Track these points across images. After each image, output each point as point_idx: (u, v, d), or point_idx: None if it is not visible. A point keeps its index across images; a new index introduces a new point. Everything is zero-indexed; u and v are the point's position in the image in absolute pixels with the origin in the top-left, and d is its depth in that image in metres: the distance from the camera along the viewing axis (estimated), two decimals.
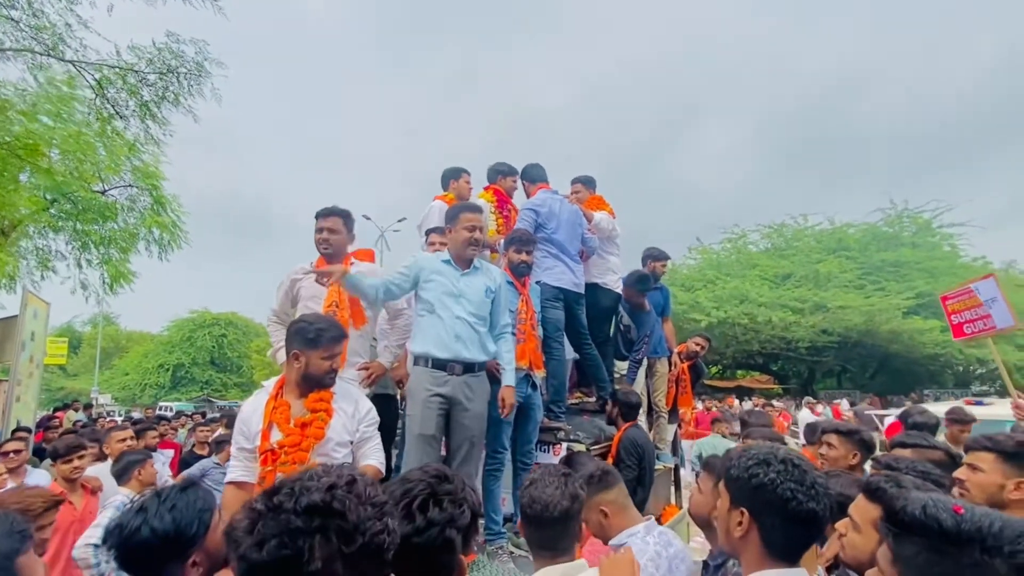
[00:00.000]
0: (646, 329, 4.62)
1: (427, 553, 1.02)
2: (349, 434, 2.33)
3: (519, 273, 3.58)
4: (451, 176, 4.51)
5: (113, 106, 9.14)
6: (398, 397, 3.74)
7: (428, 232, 3.88)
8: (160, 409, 18.02)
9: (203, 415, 11.68)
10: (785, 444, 2.51)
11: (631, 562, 1.59)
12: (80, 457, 3.46)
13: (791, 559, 1.23)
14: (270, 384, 2.40)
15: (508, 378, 3.15)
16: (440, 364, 2.91)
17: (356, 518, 0.71)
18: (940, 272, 22.61)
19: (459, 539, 1.07)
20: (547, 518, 1.56)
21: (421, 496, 1.05)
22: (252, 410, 2.33)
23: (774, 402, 16.38)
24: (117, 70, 8.93)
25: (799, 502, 1.18)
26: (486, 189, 4.52)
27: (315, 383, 2.32)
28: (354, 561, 0.69)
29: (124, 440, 3.97)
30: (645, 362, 4.83)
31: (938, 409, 4.69)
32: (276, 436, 2.24)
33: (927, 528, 0.98)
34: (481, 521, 3.03)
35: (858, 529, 1.49)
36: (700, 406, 12.79)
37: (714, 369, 28.66)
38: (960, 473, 2.06)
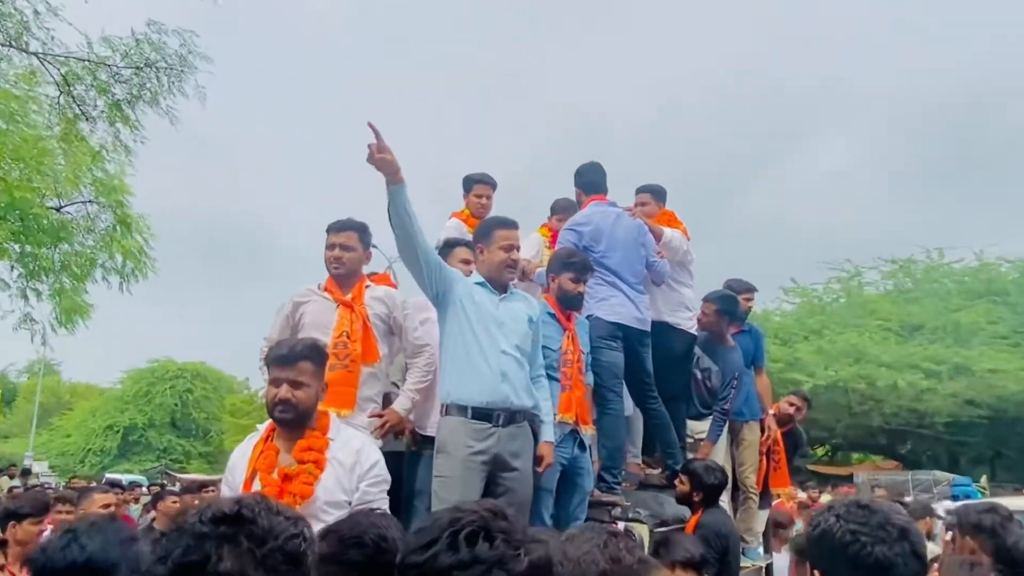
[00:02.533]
0: (734, 369, 4.57)
1: None
2: (345, 493, 2.35)
3: (570, 305, 3.63)
4: (464, 189, 4.88)
5: (80, 105, 9.82)
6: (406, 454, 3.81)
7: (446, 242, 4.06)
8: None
9: (162, 487, 11.89)
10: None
11: None
12: (39, 521, 3.64)
13: None
14: (263, 426, 2.52)
15: (548, 432, 3.20)
16: (483, 413, 2.95)
17: (268, 524, 0.81)
18: None
19: None
20: None
21: (471, 527, 1.07)
22: (240, 455, 2.45)
23: (905, 498, 15.60)
24: (86, 64, 9.64)
25: (862, 544, 1.25)
26: (543, 226, 4.93)
27: (274, 419, 2.39)
28: (269, 565, 0.78)
29: (108, 505, 4.09)
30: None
31: None
32: (257, 487, 2.32)
33: None
34: None
35: None
36: (802, 495, 12.36)
37: (821, 450, 27.70)
38: None
